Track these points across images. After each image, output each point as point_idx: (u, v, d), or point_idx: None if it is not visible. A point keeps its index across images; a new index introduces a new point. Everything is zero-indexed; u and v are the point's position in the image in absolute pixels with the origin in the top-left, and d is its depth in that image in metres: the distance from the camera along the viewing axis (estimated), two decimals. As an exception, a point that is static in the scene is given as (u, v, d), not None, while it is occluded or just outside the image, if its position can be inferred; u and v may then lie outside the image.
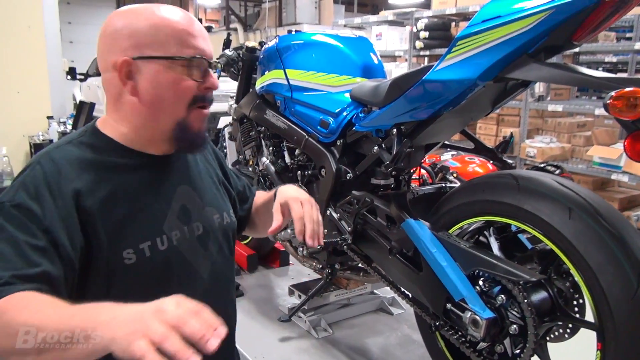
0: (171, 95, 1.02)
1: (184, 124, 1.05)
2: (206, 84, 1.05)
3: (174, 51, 1.01)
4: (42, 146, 2.94)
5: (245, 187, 1.43)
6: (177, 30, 1.01)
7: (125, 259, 0.98)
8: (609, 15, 1.22)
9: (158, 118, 1.04)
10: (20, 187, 0.93)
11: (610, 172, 3.95)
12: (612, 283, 1.18)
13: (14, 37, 3.34)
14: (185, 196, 1.11)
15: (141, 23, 1.01)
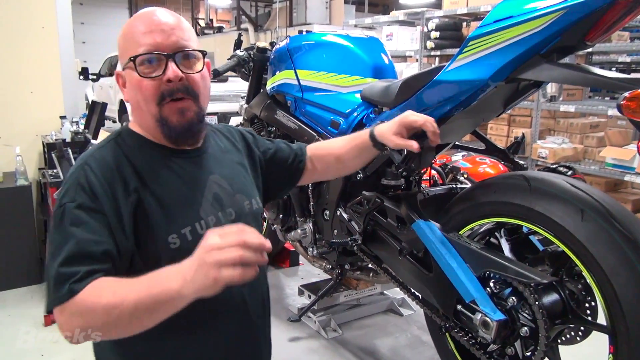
0: (140, 97, 1.06)
1: (162, 120, 1.07)
2: (165, 76, 1.04)
3: (130, 54, 1.05)
4: (55, 146, 2.98)
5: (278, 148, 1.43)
6: (130, 34, 1.06)
7: (170, 244, 1.03)
8: (623, 15, 1.21)
9: (145, 118, 1.10)
10: (78, 188, 1.00)
11: (623, 174, 3.91)
12: (625, 286, 1.17)
13: (28, 38, 3.37)
14: (216, 184, 1.16)
15: (120, 35, 1.10)
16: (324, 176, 1.53)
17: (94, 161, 1.04)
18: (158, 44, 1.04)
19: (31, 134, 3.44)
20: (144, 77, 1.04)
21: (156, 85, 1.04)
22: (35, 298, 2.87)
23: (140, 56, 1.03)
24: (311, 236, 2.25)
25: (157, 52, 1.04)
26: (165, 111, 1.06)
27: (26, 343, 2.44)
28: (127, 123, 1.16)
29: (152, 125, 1.09)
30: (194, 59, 1.09)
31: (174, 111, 1.07)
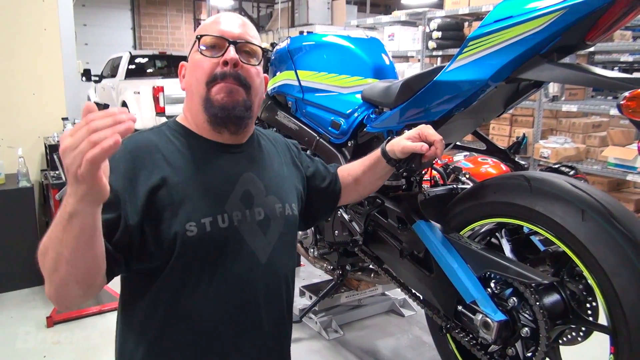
0: (194, 77, 1.13)
1: (207, 99, 1.11)
2: (222, 59, 1.11)
3: (197, 37, 1.14)
4: (57, 147, 2.98)
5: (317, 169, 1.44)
6: (205, 25, 1.16)
7: (187, 231, 1.04)
8: (623, 14, 1.20)
9: (193, 101, 1.14)
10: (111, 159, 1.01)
11: (625, 173, 3.89)
12: (626, 286, 1.16)
13: (30, 40, 3.38)
14: (249, 182, 1.17)
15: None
16: (346, 201, 1.51)
17: (129, 140, 1.08)
18: (224, 31, 1.13)
19: (33, 135, 3.45)
20: (205, 56, 1.11)
21: (212, 66, 1.11)
22: (38, 299, 2.88)
23: (204, 36, 1.12)
24: (312, 237, 2.25)
25: (221, 36, 1.12)
26: (212, 91, 1.11)
27: (28, 344, 2.44)
28: (176, 116, 1.22)
29: (199, 109, 1.12)
30: (254, 54, 1.16)
31: (220, 90, 1.11)
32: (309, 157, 1.46)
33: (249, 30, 1.17)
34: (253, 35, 1.17)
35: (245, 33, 1.15)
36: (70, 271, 0.88)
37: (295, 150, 1.41)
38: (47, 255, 0.88)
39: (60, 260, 0.87)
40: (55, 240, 0.86)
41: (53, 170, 3.04)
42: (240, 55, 1.13)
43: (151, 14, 15.79)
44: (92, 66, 9.07)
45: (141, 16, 15.76)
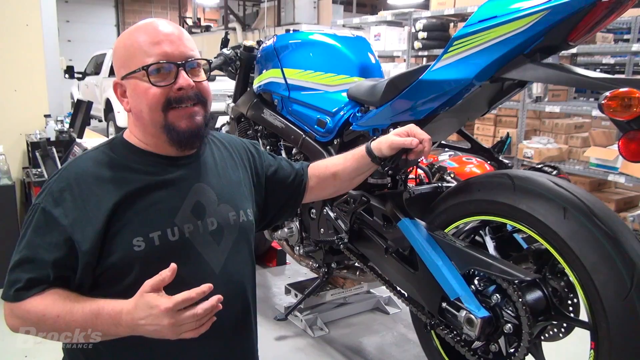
0: (145, 105, 1.08)
1: (168, 127, 1.08)
2: (176, 85, 1.07)
3: (137, 63, 1.07)
4: (39, 145, 2.94)
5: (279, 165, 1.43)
6: (141, 43, 1.07)
7: (134, 246, 1.04)
8: (605, 16, 1.22)
9: (146, 126, 1.11)
10: (49, 191, 1.05)
11: (607, 173, 3.96)
12: (606, 283, 1.18)
13: (12, 35, 3.33)
14: (200, 193, 1.16)
15: (119, 45, 1.11)
16: (321, 194, 1.50)
17: (75, 169, 1.08)
18: (168, 53, 1.06)
19: (15, 132, 3.40)
20: (154, 85, 1.06)
21: (164, 92, 1.06)
22: (19, 298, 2.84)
23: (151, 65, 1.05)
24: (298, 235, 2.25)
25: (169, 61, 1.06)
26: (170, 117, 1.08)
27: (9, 344, 2.41)
28: (122, 133, 1.18)
29: (155, 133, 1.10)
30: (199, 68, 1.13)
31: (182, 116, 1.09)
32: (272, 155, 1.45)
33: (188, 41, 1.11)
34: (193, 47, 1.12)
35: (187, 48, 1.09)
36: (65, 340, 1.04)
37: (254, 150, 1.39)
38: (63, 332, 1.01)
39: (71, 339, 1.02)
40: (86, 336, 1.00)
41: (35, 167, 3.00)
42: (190, 74, 1.09)
43: (135, 10, 15.66)
44: (76, 63, 8.97)
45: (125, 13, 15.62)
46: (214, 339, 1.13)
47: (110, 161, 1.10)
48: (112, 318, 0.96)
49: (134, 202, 1.06)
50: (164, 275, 0.94)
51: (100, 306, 0.98)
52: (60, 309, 0.99)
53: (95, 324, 0.97)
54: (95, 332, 0.99)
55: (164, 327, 0.92)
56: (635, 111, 1.07)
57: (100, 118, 8.70)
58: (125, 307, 0.95)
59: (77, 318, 0.98)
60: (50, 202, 1.03)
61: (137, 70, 1.06)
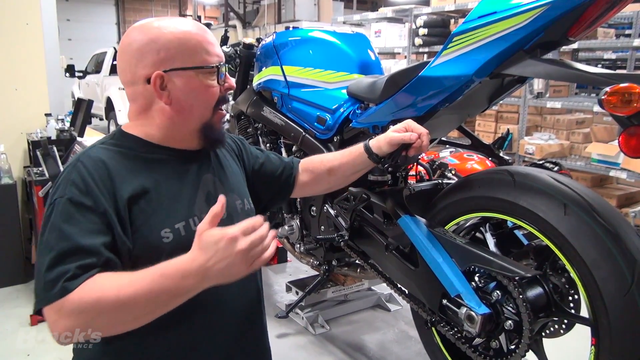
0: (202, 101, 1.12)
1: (209, 124, 1.14)
2: (226, 86, 1.15)
3: (201, 60, 1.10)
4: (40, 143, 2.94)
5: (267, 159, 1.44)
6: (200, 41, 1.10)
7: (163, 238, 1.05)
8: (605, 11, 1.22)
9: (188, 121, 1.13)
10: (69, 184, 1.00)
11: (608, 169, 3.95)
12: (607, 279, 1.18)
13: (12, 34, 3.32)
14: (209, 183, 1.18)
15: (167, 37, 1.08)
16: (316, 189, 1.51)
17: (88, 159, 1.04)
18: (222, 56, 1.14)
19: (16, 131, 3.40)
20: (218, 84, 1.12)
21: (217, 91, 1.13)
22: (21, 298, 2.85)
23: (216, 66, 1.11)
24: (298, 232, 2.25)
25: (224, 63, 1.13)
26: (215, 117, 1.15)
27: (12, 343, 2.41)
28: (120, 128, 1.16)
29: (190, 130, 1.13)
30: None
31: (220, 118, 1.17)
32: (259, 149, 1.47)
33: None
34: None
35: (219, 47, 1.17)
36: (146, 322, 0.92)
37: (241, 144, 1.40)
38: (124, 311, 0.88)
39: (146, 318, 0.91)
40: (155, 303, 0.89)
41: (36, 166, 3.00)
42: None
43: (136, 9, 15.65)
44: (76, 62, 8.98)
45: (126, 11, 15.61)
46: (229, 326, 1.15)
47: (120, 153, 1.09)
48: (179, 271, 0.89)
49: (152, 193, 1.06)
50: (215, 210, 0.93)
51: (161, 266, 0.90)
52: (118, 283, 0.89)
53: (162, 286, 0.88)
54: (162, 301, 0.89)
55: (235, 257, 0.88)
56: (635, 106, 1.07)
57: (101, 117, 8.71)
58: (189, 256, 0.90)
59: (141, 285, 0.88)
60: (75, 192, 0.99)
61: (202, 67, 1.09)
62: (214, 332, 1.13)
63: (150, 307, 0.90)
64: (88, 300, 0.88)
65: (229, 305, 1.15)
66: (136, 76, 1.08)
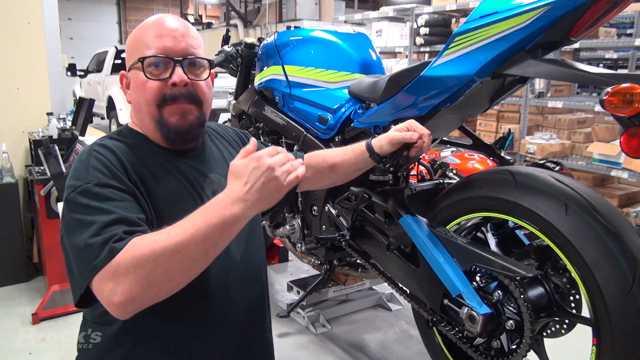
0: (141, 98, 1.09)
1: (160, 121, 1.09)
2: (170, 80, 1.06)
3: (138, 55, 1.07)
4: (42, 142, 2.94)
5: None
6: (143, 36, 1.08)
7: None
8: (607, 11, 1.22)
9: (144, 120, 1.12)
10: (91, 169, 0.99)
11: (610, 169, 3.95)
12: (608, 279, 1.18)
13: (14, 33, 3.33)
14: (214, 183, 1.17)
15: (130, 38, 1.13)
16: (316, 185, 1.51)
17: (102, 148, 1.05)
18: (167, 48, 1.06)
19: (17, 130, 3.40)
20: (149, 79, 1.06)
21: (160, 87, 1.06)
22: (23, 296, 2.85)
23: (148, 58, 1.06)
24: (299, 232, 2.25)
25: (166, 55, 1.06)
26: (165, 113, 1.08)
27: (13, 342, 2.42)
28: (127, 123, 1.18)
29: (151, 127, 1.11)
30: (201, 67, 1.12)
31: (174, 112, 1.08)
32: (263, 144, 1.44)
33: (192, 39, 1.10)
34: (197, 45, 1.11)
35: (189, 45, 1.09)
36: (201, 269, 0.90)
37: (246, 139, 1.39)
38: (179, 255, 0.85)
39: (201, 259, 0.88)
40: (206, 240, 0.86)
41: (38, 165, 3.00)
42: (189, 71, 1.09)
43: (137, 8, 15.66)
44: (78, 61, 8.98)
45: (127, 10, 15.61)
46: (234, 324, 1.16)
47: (128, 145, 1.09)
48: (220, 204, 0.88)
49: (162, 186, 1.06)
50: (247, 147, 0.93)
51: (204, 207, 0.90)
52: (165, 232, 0.87)
53: (210, 222, 0.86)
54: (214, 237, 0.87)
55: (268, 172, 0.88)
56: (637, 107, 1.07)
57: (103, 115, 8.72)
58: (226, 189, 0.91)
59: (189, 227, 0.86)
60: (100, 176, 0.98)
61: (136, 62, 1.07)
62: (220, 330, 1.13)
63: (203, 245, 0.86)
64: (142, 253, 0.85)
65: (234, 303, 1.16)
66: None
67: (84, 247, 0.89)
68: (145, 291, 0.86)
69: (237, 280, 1.16)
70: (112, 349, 1.07)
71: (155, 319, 0.98)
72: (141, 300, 0.87)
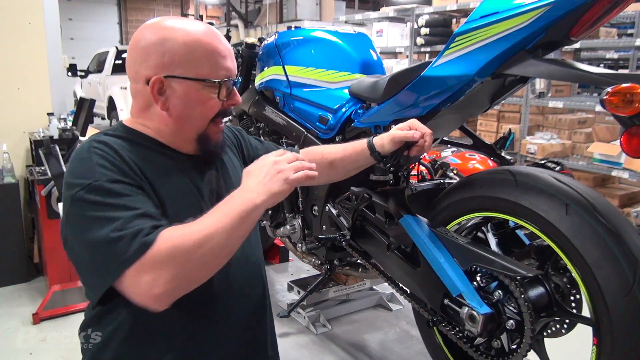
0: (199, 113, 1.09)
1: (204, 136, 1.11)
2: (230, 101, 1.12)
3: (205, 73, 1.06)
4: (42, 143, 2.95)
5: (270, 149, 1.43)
6: (209, 52, 1.06)
7: None
8: (607, 11, 1.22)
9: (183, 129, 1.10)
10: (97, 167, 0.97)
11: (610, 169, 3.95)
12: (608, 279, 1.18)
13: (15, 34, 3.33)
14: (213, 182, 1.17)
15: (175, 41, 1.04)
16: (314, 182, 1.51)
17: (102, 145, 1.01)
18: (231, 70, 1.10)
19: (18, 130, 3.41)
20: (219, 99, 1.08)
21: (218, 104, 1.10)
22: (23, 296, 2.85)
23: (226, 81, 1.08)
24: (300, 232, 2.25)
25: (231, 78, 1.10)
26: (211, 129, 1.11)
27: (14, 342, 2.42)
28: (121, 122, 1.13)
29: (187, 137, 1.11)
30: None
31: (217, 130, 1.13)
32: (259, 140, 1.46)
33: (233, 57, 1.14)
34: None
35: (234, 64, 1.12)
36: (228, 257, 0.97)
37: (240, 136, 1.39)
38: (210, 244, 0.91)
39: (228, 246, 0.95)
40: (231, 229, 0.93)
41: (38, 165, 3.01)
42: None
43: (138, 8, 15.66)
44: (78, 61, 8.97)
45: (128, 11, 15.61)
46: (236, 322, 1.16)
47: (128, 142, 1.06)
48: (240, 194, 0.97)
49: (163, 184, 1.05)
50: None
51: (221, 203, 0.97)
52: (192, 224, 0.93)
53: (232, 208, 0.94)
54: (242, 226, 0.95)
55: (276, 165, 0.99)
56: (637, 107, 1.07)
57: (103, 116, 8.73)
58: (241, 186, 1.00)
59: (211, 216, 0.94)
60: (109, 173, 0.96)
61: (205, 80, 1.06)
62: (222, 326, 1.13)
63: (228, 234, 0.92)
64: (176, 244, 0.89)
65: (236, 297, 1.16)
66: (138, 75, 1.06)
67: (107, 242, 0.89)
68: (184, 281, 0.91)
69: (238, 275, 1.16)
70: (112, 348, 1.07)
71: (156, 317, 0.98)
72: (179, 290, 0.91)
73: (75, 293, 2.75)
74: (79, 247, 0.94)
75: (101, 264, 0.91)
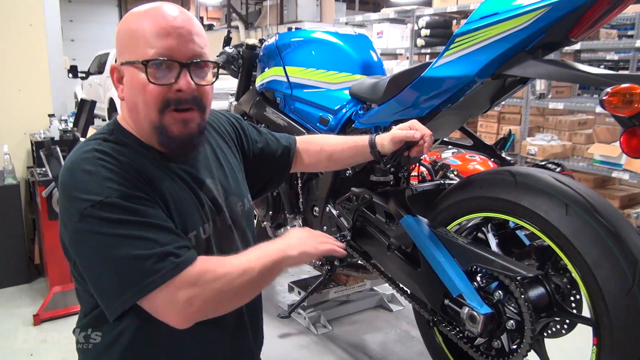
0: (140, 100, 0.99)
1: (160, 128, 1.01)
2: (176, 85, 0.98)
3: (140, 54, 0.97)
4: (43, 144, 2.95)
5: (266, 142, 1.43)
6: (146, 31, 0.97)
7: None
8: (606, 12, 1.22)
9: (140, 122, 1.03)
10: (106, 182, 0.93)
11: (611, 170, 3.94)
12: (608, 279, 1.18)
13: (15, 35, 3.34)
14: (211, 188, 1.14)
15: (124, 27, 1.01)
16: (311, 170, 1.57)
17: (105, 156, 0.97)
18: (174, 49, 0.97)
19: (19, 132, 3.41)
20: (152, 83, 0.96)
21: (163, 91, 0.97)
22: (24, 297, 2.86)
23: (153, 60, 0.96)
24: (301, 233, 2.25)
25: (172, 59, 0.97)
26: (166, 119, 1.00)
27: (14, 343, 2.42)
28: (116, 119, 1.10)
29: (147, 131, 1.03)
30: (208, 70, 1.04)
31: (176, 121, 1.00)
32: (257, 130, 1.42)
33: (199, 37, 1.00)
34: (204, 43, 1.02)
35: (196, 45, 0.99)
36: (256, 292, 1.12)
37: (238, 125, 1.35)
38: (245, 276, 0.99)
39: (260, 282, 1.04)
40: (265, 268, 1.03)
41: (39, 167, 3.01)
42: (195, 75, 1.00)
43: (139, 10, 15.66)
44: (79, 62, 8.97)
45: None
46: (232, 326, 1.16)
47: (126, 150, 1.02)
48: (280, 245, 1.09)
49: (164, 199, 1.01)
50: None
51: (262, 245, 1.09)
52: (230, 257, 1.01)
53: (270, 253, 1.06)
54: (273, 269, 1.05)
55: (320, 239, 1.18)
56: (636, 107, 1.07)
57: (104, 117, 8.74)
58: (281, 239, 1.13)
59: (251, 254, 1.05)
60: (121, 189, 0.92)
61: (136, 62, 0.97)
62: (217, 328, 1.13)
63: (262, 272, 1.01)
64: (218, 269, 0.96)
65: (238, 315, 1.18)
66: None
67: (132, 259, 0.89)
68: (220, 305, 0.98)
69: None
70: (111, 348, 1.08)
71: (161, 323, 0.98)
72: (212, 313, 0.97)
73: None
74: (97, 264, 0.93)
75: (127, 282, 0.90)
